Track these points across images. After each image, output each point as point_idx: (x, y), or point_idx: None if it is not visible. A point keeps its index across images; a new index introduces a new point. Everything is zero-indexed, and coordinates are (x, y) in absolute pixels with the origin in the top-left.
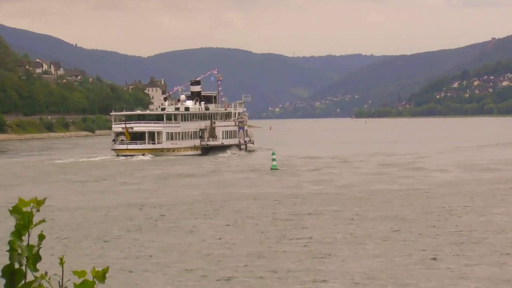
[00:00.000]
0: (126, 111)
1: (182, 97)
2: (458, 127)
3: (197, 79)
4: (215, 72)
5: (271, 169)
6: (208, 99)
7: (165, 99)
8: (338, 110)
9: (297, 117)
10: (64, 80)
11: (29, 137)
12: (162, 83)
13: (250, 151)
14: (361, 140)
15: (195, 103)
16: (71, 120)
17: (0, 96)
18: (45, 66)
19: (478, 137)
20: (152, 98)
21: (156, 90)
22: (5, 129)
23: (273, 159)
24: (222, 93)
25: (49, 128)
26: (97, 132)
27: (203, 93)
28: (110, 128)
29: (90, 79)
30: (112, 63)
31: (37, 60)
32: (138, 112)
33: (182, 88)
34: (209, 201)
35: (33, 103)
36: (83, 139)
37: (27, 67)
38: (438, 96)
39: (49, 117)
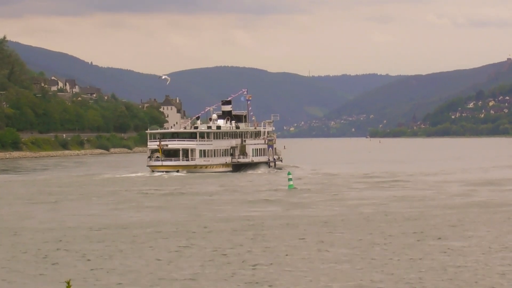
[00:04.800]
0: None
1: (214, 116)
2: (476, 147)
3: (228, 99)
4: (245, 92)
5: (289, 188)
6: (239, 118)
7: (198, 118)
8: (353, 129)
9: (312, 136)
10: (79, 98)
11: (44, 154)
12: (177, 101)
13: (278, 168)
14: (380, 159)
15: (226, 122)
16: (86, 138)
17: (15, 113)
18: (60, 84)
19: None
20: (167, 116)
21: (171, 109)
22: (20, 146)
23: (289, 179)
24: (252, 113)
25: (64, 146)
26: (112, 150)
27: (233, 112)
28: (124, 146)
29: (105, 97)
30: (127, 81)
31: (53, 77)
32: (172, 130)
33: (214, 108)
34: (194, 222)
35: (48, 121)
36: (95, 157)
37: (43, 84)
38: (453, 116)
39: (64, 135)
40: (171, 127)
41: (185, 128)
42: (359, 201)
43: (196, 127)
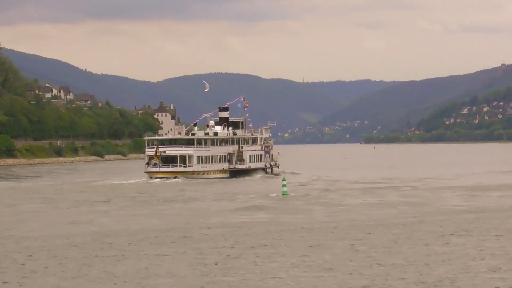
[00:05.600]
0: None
1: (211, 122)
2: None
3: (225, 106)
4: (242, 99)
5: (282, 194)
6: (236, 125)
7: (195, 125)
8: (347, 135)
9: (306, 143)
10: (74, 105)
11: (38, 161)
12: (171, 108)
13: (275, 174)
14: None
15: (224, 129)
16: (80, 145)
17: (9, 120)
18: (54, 91)
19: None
20: (162, 123)
21: (166, 115)
22: (14, 153)
23: (284, 185)
24: (249, 119)
25: (58, 152)
26: (106, 157)
27: (231, 119)
28: (119, 153)
29: (100, 104)
30: (122, 88)
31: (47, 84)
32: (170, 136)
33: (211, 114)
34: (175, 229)
35: (42, 128)
36: (89, 164)
37: (37, 91)
38: (447, 122)
39: (58, 142)
40: (165, 134)
41: (179, 134)
42: (352, 208)
43: (193, 134)
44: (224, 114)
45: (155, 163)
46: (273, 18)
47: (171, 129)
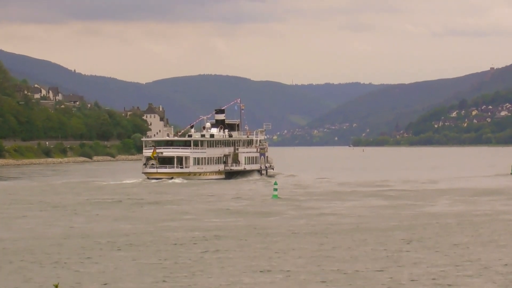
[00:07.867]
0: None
1: (208, 124)
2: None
3: (222, 108)
4: (238, 101)
5: (272, 197)
6: (232, 127)
7: (192, 127)
8: (336, 138)
9: (294, 145)
10: (63, 106)
11: (27, 162)
12: (161, 109)
13: (270, 176)
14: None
15: (220, 131)
16: (69, 146)
17: None
18: (43, 92)
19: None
20: (150, 124)
21: (154, 117)
22: (3, 154)
23: (275, 189)
24: (246, 121)
25: (47, 153)
26: (95, 158)
27: (227, 121)
28: (107, 154)
29: (89, 105)
30: (111, 89)
31: (36, 85)
32: (167, 138)
33: (208, 117)
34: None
35: (31, 128)
36: (77, 165)
37: (26, 92)
38: (436, 126)
39: (47, 143)
40: (154, 135)
41: (168, 135)
42: (337, 212)
43: (190, 135)
44: (220, 116)
45: (152, 164)
46: (258, 21)
47: (159, 131)
